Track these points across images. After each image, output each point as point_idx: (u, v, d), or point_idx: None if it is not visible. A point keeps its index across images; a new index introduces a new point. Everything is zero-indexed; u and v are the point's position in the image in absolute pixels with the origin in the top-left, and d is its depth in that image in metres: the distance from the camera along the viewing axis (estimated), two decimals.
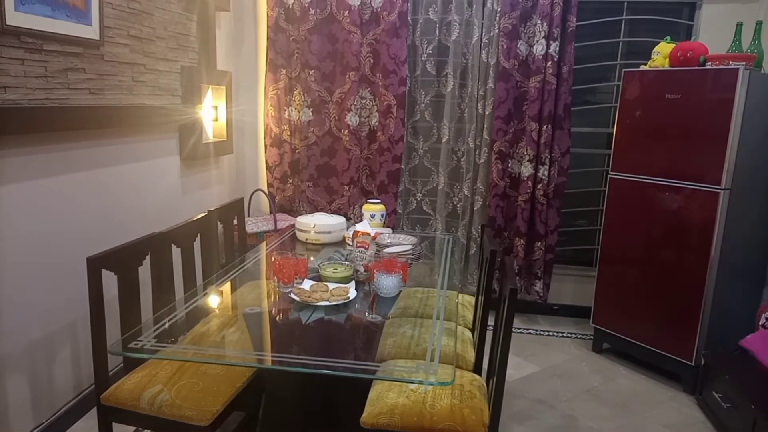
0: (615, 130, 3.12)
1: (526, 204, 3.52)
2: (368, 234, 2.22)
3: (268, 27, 3.62)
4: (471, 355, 2.12)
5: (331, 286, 2.04)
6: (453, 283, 2.29)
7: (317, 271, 2.17)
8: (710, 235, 2.70)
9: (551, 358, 3.20)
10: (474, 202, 3.64)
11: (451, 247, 2.75)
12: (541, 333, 3.57)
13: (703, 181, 2.72)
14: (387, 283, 2.02)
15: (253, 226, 3.46)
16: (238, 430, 1.98)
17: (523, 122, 3.50)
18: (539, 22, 3.34)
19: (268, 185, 3.83)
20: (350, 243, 2.40)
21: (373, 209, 2.80)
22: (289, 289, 1.99)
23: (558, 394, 2.80)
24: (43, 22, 2.01)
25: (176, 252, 2.20)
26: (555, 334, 3.56)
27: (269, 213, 3.78)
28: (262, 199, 3.91)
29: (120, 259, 1.86)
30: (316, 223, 2.69)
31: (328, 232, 2.70)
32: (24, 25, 1.92)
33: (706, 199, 2.71)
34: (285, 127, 3.74)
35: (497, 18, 3.40)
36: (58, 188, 2.23)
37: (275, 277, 2.04)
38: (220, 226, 2.69)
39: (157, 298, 2.05)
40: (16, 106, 1.94)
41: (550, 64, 3.35)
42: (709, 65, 2.71)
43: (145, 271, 1.99)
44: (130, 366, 1.90)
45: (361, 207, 2.92)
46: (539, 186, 3.50)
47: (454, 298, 2.37)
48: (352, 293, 1.99)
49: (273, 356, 1.68)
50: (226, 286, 2.15)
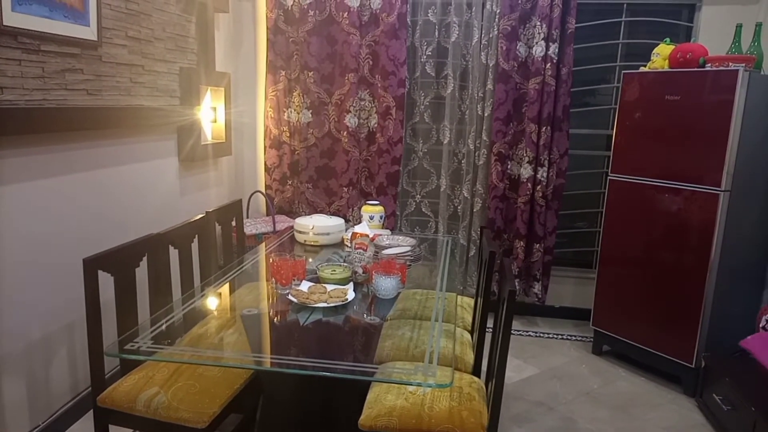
0: (614, 132, 3.12)
1: (526, 206, 3.52)
2: (367, 235, 2.21)
3: (268, 28, 3.62)
4: (470, 357, 2.11)
5: (330, 287, 2.03)
6: (454, 286, 2.28)
7: (315, 273, 2.17)
8: (710, 237, 2.70)
9: (551, 361, 3.19)
10: (474, 204, 3.64)
11: (451, 249, 2.74)
12: (541, 335, 3.56)
13: (703, 183, 2.72)
14: (385, 284, 2.01)
15: (251, 227, 3.45)
16: None
17: (523, 124, 3.50)
18: (538, 23, 3.34)
19: (267, 187, 3.83)
20: (349, 245, 2.39)
21: (372, 211, 2.79)
22: (287, 291, 1.98)
23: (557, 397, 2.79)
24: (41, 22, 2.00)
25: (174, 253, 2.19)
26: (554, 336, 3.55)
27: (268, 215, 3.77)
28: (261, 200, 3.90)
29: (117, 260, 1.86)
30: (315, 225, 2.68)
31: (327, 234, 2.69)
32: (21, 26, 1.92)
33: (706, 201, 2.71)
34: (284, 128, 3.73)
35: (496, 19, 3.40)
36: (56, 189, 2.23)
37: (273, 279, 2.03)
38: (219, 227, 2.68)
39: (155, 300, 2.04)
40: (14, 107, 1.93)
41: (549, 65, 3.35)
42: (709, 67, 2.71)
43: (142, 272, 1.98)
44: (127, 368, 1.89)
45: (360, 209, 2.91)
46: (538, 188, 3.49)
47: (454, 300, 2.36)
48: (351, 295, 1.98)
49: (271, 358, 1.66)
50: (224, 288, 2.14)
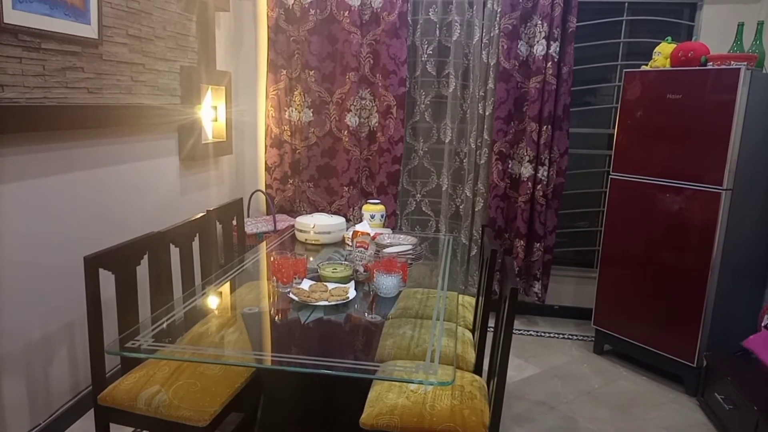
0: (616, 131, 3.11)
1: (526, 205, 3.51)
2: (368, 234, 2.21)
3: (269, 27, 3.62)
4: (471, 356, 2.10)
5: (331, 286, 2.03)
6: (455, 285, 2.28)
7: (316, 271, 2.16)
8: (712, 236, 2.69)
9: (552, 360, 3.19)
10: (475, 203, 3.63)
11: (452, 248, 2.74)
12: (542, 334, 3.56)
13: (705, 182, 2.71)
14: (387, 283, 2.00)
15: (252, 226, 3.45)
16: (237, 431, 1.97)
17: (524, 123, 3.49)
18: (539, 22, 3.33)
19: (267, 186, 3.82)
20: (350, 243, 2.39)
21: (373, 210, 2.79)
22: (288, 289, 1.97)
23: (559, 396, 2.78)
24: (41, 20, 2.00)
25: (175, 252, 2.19)
26: (556, 336, 3.54)
27: (268, 214, 3.77)
28: (262, 199, 3.90)
29: (117, 259, 1.85)
30: (316, 224, 2.68)
31: (328, 233, 2.69)
32: (22, 24, 1.91)
33: (707, 200, 2.70)
34: (285, 127, 3.73)
35: (497, 18, 3.39)
36: (57, 187, 2.22)
37: (274, 277, 2.02)
38: (219, 226, 2.67)
39: (155, 298, 2.04)
40: (14, 105, 1.93)
41: (550, 64, 3.35)
42: (711, 65, 2.70)
43: (143, 270, 1.98)
44: (128, 366, 1.89)
45: (361, 208, 2.91)
46: (538, 187, 3.49)
47: (455, 299, 2.35)
48: (352, 293, 1.97)
49: (272, 356, 1.66)
50: (225, 286, 2.13)
